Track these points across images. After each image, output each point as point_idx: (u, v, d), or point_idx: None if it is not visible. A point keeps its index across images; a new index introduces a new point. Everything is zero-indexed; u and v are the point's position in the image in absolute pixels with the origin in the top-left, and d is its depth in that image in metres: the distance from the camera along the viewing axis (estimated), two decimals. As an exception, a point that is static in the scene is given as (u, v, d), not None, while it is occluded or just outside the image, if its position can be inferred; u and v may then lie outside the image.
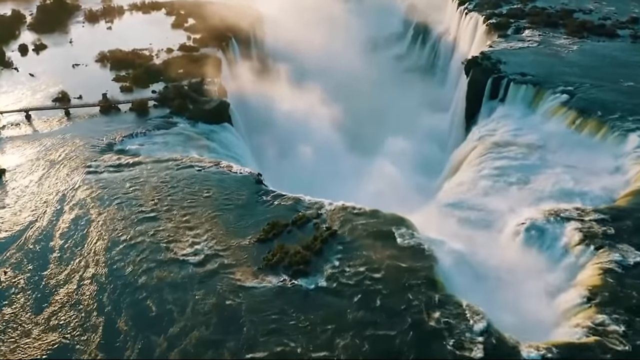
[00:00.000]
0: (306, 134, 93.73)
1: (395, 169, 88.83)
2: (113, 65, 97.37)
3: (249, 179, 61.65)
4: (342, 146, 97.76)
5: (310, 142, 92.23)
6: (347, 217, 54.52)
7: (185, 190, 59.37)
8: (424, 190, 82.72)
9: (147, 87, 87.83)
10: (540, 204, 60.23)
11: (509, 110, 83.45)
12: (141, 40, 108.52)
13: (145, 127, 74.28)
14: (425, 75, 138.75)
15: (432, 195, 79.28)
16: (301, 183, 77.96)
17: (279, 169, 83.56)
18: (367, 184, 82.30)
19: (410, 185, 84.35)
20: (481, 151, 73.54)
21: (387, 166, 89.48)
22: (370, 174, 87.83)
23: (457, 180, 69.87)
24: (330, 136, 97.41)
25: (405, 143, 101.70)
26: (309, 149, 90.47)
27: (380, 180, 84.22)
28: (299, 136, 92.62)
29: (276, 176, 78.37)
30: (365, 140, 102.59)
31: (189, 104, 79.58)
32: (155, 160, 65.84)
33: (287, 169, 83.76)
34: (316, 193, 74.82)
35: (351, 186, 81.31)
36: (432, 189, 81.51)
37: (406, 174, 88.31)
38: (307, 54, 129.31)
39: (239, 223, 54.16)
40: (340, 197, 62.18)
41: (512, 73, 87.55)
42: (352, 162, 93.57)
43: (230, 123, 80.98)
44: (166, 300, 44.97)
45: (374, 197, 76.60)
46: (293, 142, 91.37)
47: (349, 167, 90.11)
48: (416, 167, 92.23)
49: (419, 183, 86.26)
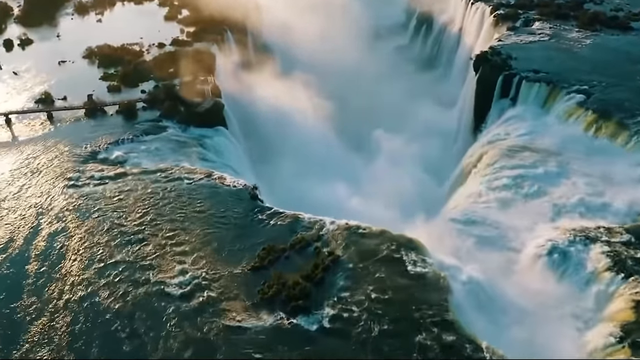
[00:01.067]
0: (304, 135, 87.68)
1: (398, 171, 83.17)
2: (101, 62, 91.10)
3: (243, 194, 55.91)
4: (343, 147, 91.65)
5: (308, 145, 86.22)
6: (351, 238, 48.94)
7: (173, 208, 53.71)
8: (431, 197, 77.15)
9: (136, 86, 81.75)
10: (560, 220, 54.89)
11: (521, 110, 77.56)
12: (132, 34, 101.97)
13: (133, 133, 68.38)
14: (428, 67, 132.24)
15: (439, 203, 73.94)
16: (298, 190, 72.74)
17: (277, 175, 77.64)
18: (369, 190, 76.64)
19: (415, 191, 78.67)
20: (494, 157, 67.66)
21: (389, 169, 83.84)
22: (371, 178, 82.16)
23: (468, 190, 64.08)
24: (330, 136, 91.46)
25: (408, 142, 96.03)
26: (306, 151, 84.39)
27: (382, 184, 78.57)
28: (298, 138, 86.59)
29: (274, 184, 72.88)
30: (366, 139, 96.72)
31: (179, 106, 73.64)
32: (142, 172, 60.10)
33: (286, 175, 77.85)
34: (315, 201, 69.60)
35: (351, 193, 75.83)
36: (439, 196, 75.97)
37: (410, 178, 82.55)
38: (306, 47, 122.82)
39: (232, 247, 48.60)
40: (342, 206, 56.87)
41: (523, 70, 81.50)
42: (352, 165, 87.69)
43: (224, 126, 74.98)
44: (144, 343, 39.57)
45: (376, 206, 71.43)
46: (292, 145, 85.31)
47: (349, 170, 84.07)
48: (421, 170, 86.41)
49: (424, 188, 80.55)
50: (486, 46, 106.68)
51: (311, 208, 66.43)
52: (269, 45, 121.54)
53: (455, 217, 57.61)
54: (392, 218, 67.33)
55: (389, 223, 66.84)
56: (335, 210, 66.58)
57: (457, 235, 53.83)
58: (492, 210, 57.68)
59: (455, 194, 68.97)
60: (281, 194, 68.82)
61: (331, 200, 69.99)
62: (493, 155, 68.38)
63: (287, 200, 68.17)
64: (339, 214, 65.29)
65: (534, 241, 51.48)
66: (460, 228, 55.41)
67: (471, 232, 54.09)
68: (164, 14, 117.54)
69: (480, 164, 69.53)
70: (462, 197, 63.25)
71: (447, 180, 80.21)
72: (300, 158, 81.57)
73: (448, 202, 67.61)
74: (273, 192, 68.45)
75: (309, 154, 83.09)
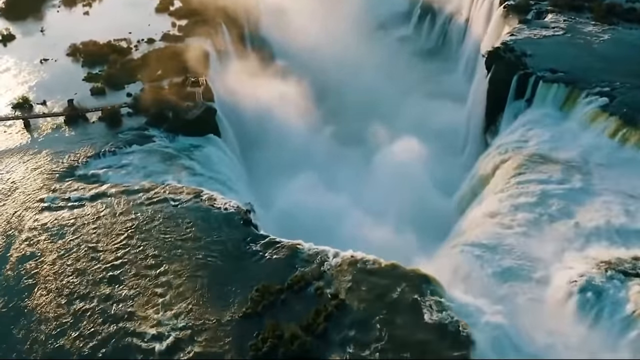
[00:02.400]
0: (302, 141, 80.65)
1: (401, 180, 76.11)
2: (86, 60, 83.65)
3: (235, 219, 49.00)
4: (343, 153, 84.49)
5: (307, 152, 79.14)
6: (358, 276, 42.22)
7: (155, 238, 46.91)
8: (440, 211, 70.40)
9: (122, 88, 74.52)
10: (590, 247, 48.34)
11: (538, 114, 70.58)
12: (120, 28, 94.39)
13: (115, 144, 61.34)
14: (433, 60, 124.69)
15: (449, 218, 67.30)
16: (295, 202, 66.13)
17: (274, 187, 70.67)
18: (371, 202, 69.88)
19: (422, 203, 71.74)
20: (512, 169, 60.75)
21: (392, 176, 76.76)
22: (373, 187, 75.16)
23: (485, 208, 57.02)
24: (329, 141, 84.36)
25: (410, 144, 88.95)
26: (305, 158, 77.20)
27: (385, 196, 71.73)
28: (296, 143, 79.49)
29: (271, 196, 66.24)
30: (366, 141, 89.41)
31: (167, 112, 66.58)
32: (123, 191, 53.22)
33: (283, 186, 70.87)
34: (315, 214, 63.18)
35: (352, 205, 69.15)
36: (448, 210, 69.28)
37: (414, 187, 75.55)
38: (305, 40, 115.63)
39: (220, 286, 41.94)
40: (342, 225, 50.27)
41: (539, 69, 74.25)
42: (353, 172, 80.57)
43: (217, 134, 67.88)
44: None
45: (381, 223, 64.81)
46: (291, 151, 78.14)
47: (349, 179, 77.13)
48: (427, 177, 79.27)
49: (431, 199, 73.56)
50: (496, 39, 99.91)
51: (311, 221, 60.36)
52: (267, 39, 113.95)
53: (474, 242, 50.87)
54: (399, 238, 61.09)
55: (395, 244, 61.04)
56: (335, 228, 60.57)
57: (477, 266, 47.22)
58: (513, 234, 50.92)
59: (469, 210, 62.30)
60: (279, 209, 62.36)
61: (331, 215, 63.46)
62: (511, 166, 61.50)
63: (284, 215, 61.95)
64: (340, 232, 59.50)
65: (563, 275, 44.89)
66: (479, 255, 48.72)
67: (492, 262, 47.36)
68: (155, 5, 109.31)
69: (497, 175, 62.68)
70: (478, 216, 56.42)
71: (457, 190, 73.40)
72: (299, 166, 74.50)
73: (461, 220, 60.98)
74: (271, 206, 62.04)
75: (308, 161, 76.04)
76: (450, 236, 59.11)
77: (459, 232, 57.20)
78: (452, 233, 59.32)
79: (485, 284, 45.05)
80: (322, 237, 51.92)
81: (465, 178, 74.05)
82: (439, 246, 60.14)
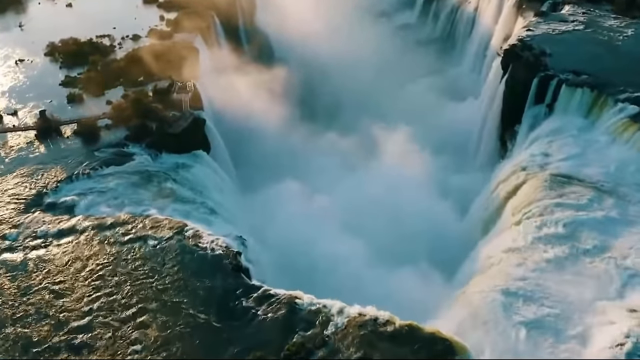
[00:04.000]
0: (300, 150, 72.82)
1: (404, 195, 68.61)
2: (65, 60, 75.27)
3: (223, 263, 41.65)
4: (345, 165, 76.65)
5: (309, 164, 71.37)
6: (368, 341, 34.94)
7: (127, 290, 39.37)
8: (450, 235, 63.07)
9: (102, 94, 66.49)
10: (633, 292, 41.19)
11: (561, 122, 62.98)
12: (104, 23, 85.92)
13: (91, 164, 53.49)
14: (439, 51, 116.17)
15: (462, 245, 59.96)
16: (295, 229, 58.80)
17: (273, 211, 62.64)
18: (371, 229, 62.53)
19: (428, 224, 64.47)
20: (535, 192, 53.10)
21: (394, 191, 69.25)
22: (372, 202, 67.51)
23: (505, 241, 49.33)
24: (333, 153, 76.53)
25: (414, 149, 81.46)
26: (306, 171, 69.40)
27: (389, 218, 64.46)
28: (293, 155, 71.63)
29: (270, 224, 58.73)
30: (366, 143, 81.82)
31: (151, 124, 58.80)
32: (96, 226, 45.61)
33: (283, 209, 63.00)
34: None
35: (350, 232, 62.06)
36: (461, 234, 61.99)
37: (419, 203, 68.16)
38: (305, 29, 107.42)
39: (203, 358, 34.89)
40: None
41: (561, 70, 66.51)
42: (355, 181, 73.00)
43: (206, 149, 60.10)
44: None
45: (383, 256, 57.89)
46: (291, 166, 70.00)
47: (350, 191, 69.50)
48: (434, 191, 71.63)
49: (440, 220, 66.06)
50: (507, 32, 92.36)
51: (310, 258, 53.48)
52: (264, 30, 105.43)
53: (495, 284, 43.63)
54: (405, 275, 54.28)
55: (403, 279, 54.15)
56: (336, 267, 53.77)
57: (504, 318, 39.98)
58: (543, 275, 43.56)
59: (484, 239, 54.85)
60: (278, 238, 55.12)
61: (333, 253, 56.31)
62: (534, 188, 53.89)
63: (281, 250, 54.67)
64: (341, 271, 52.75)
65: (604, 333, 37.75)
66: (505, 303, 41.42)
67: (522, 314, 40.05)
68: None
69: (517, 197, 55.11)
70: (497, 250, 48.93)
71: (469, 206, 65.91)
72: (297, 180, 66.77)
73: (476, 251, 53.51)
74: (268, 236, 54.66)
75: (306, 176, 68.14)
76: (464, 272, 52.12)
77: (473, 269, 49.86)
78: (466, 268, 52.21)
79: (512, 343, 37.94)
80: (323, 278, 45.17)
81: (479, 192, 66.78)
82: (451, 282, 53.51)
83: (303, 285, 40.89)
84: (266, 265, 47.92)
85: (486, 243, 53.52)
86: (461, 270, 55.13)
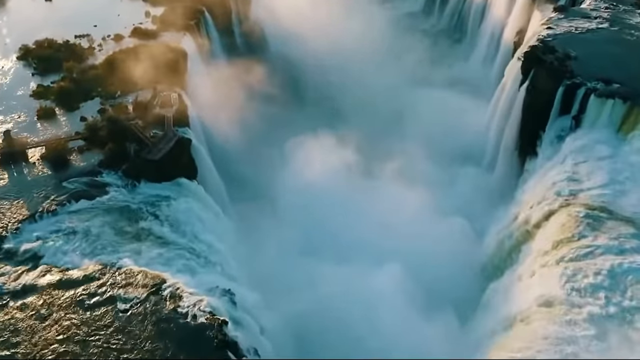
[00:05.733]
0: (307, 170, 64.49)
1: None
2: (38, 66, 66.57)
3: (206, 335, 34.43)
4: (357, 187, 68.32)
5: (314, 189, 62.76)
6: None
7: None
8: (471, 257, 55.96)
9: (76, 108, 58.54)
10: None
11: (590, 138, 54.96)
12: (84, 20, 77.42)
13: (58, 197, 45.74)
14: (446, 43, 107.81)
15: (484, 270, 53.27)
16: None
17: (275, 249, 54.61)
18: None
19: (448, 243, 57.22)
20: (566, 227, 45.49)
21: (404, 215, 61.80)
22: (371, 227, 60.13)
23: (536, 290, 41.89)
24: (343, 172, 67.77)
25: (419, 156, 73.87)
26: (315, 198, 60.87)
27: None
28: (298, 176, 63.19)
29: (272, 264, 51.10)
30: (371, 158, 73.92)
31: (130, 146, 50.98)
32: (60, 282, 38.13)
33: (286, 246, 54.86)
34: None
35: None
36: (481, 257, 54.81)
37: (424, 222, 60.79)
38: (302, 18, 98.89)
39: None
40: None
41: (589, 76, 58.40)
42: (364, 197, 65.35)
43: (192, 176, 51.97)
44: None
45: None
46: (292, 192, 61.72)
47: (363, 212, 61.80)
48: (438, 206, 63.84)
49: (459, 236, 58.77)
50: (522, 25, 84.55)
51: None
52: (258, 24, 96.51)
53: (540, 350, 36.31)
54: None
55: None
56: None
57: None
58: (586, 340, 36.32)
59: (510, 277, 47.48)
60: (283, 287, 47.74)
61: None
62: (565, 222, 45.95)
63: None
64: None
65: None
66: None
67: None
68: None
69: (546, 231, 47.39)
70: (527, 300, 41.46)
71: (487, 231, 58.34)
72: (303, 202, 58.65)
73: (497, 297, 46.17)
74: (271, 288, 46.94)
75: (316, 200, 60.02)
76: (483, 317, 45.13)
77: (496, 319, 42.65)
78: (486, 314, 45.14)
79: None
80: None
81: (496, 213, 59.30)
82: (466, 324, 46.66)
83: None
84: (266, 323, 40.55)
85: (510, 284, 46.29)
86: (480, 312, 48.30)
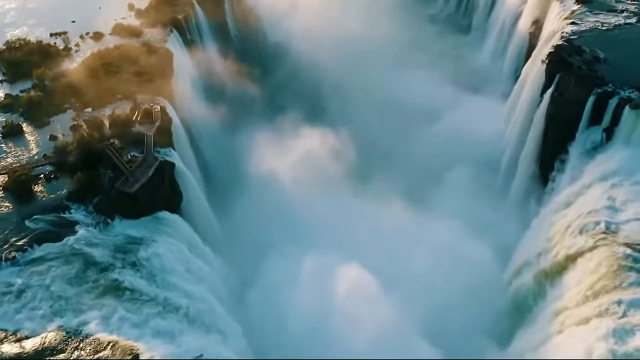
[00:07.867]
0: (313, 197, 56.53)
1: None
2: (8, 72, 58.93)
3: None
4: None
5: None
6: None
7: None
8: (493, 290, 49.04)
9: (47, 122, 50.94)
10: None
11: (625, 155, 47.74)
12: (62, 16, 69.73)
13: (17, 242, 38.69)
14: (453, 31, 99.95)
15: (507, 304, 46.70)
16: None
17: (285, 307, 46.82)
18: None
19: (469, 275, 50.15)
20: (606, 268, 38.43)
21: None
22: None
23: (574, 343, 35.18)
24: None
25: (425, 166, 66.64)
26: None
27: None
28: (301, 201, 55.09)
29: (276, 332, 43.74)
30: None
31: (103, 174, 43.51)
32: (14, 357, 31.60)
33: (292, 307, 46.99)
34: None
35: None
36: (503, 288, 47.99)
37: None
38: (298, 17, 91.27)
39: None
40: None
41: (621, 83, 50.82)
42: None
43: (176, 206, 44.62)
44: None
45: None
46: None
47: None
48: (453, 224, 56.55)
49: (481, 266, 51.58)
50: (539, 15, 76.48)
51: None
52: (254, 13, 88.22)
53: None
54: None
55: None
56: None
57: None
58: None
59: (543, 320, 40.51)
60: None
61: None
62: (603, 262, 39.01)
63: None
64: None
65: None
66: None
67: None
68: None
69: (581, 272, 40.28)
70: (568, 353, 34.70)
71: (510, 260, 51.19)
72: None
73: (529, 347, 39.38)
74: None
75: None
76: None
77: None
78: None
79: None
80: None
81: (516, 235, 52.22)
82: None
83: None
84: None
85: (543, 334, 39.39)
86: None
